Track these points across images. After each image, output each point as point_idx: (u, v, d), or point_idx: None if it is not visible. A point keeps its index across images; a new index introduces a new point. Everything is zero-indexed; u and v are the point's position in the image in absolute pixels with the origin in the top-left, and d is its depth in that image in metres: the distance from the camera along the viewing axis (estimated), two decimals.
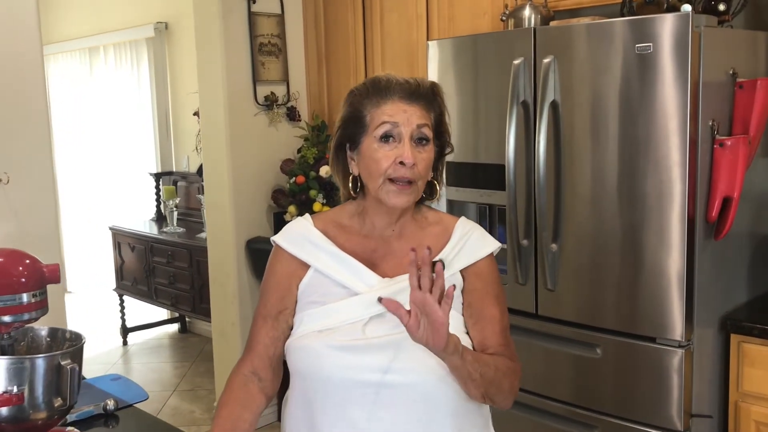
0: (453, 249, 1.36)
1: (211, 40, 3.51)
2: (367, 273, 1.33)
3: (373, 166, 1.30)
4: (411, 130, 1.29)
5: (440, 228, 1.40)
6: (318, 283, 1.35)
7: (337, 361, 1.26)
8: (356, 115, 1.33)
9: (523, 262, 2.39)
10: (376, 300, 1.28)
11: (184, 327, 5.58)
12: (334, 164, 1.41)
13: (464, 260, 1.36)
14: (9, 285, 1.35)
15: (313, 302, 1.34)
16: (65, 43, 6.25)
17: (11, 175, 2.39)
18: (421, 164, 1.30)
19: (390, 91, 1.31)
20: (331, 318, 1.30)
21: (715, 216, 2.10)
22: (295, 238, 1.40)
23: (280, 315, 1.38)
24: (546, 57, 2.24)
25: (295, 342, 1.33)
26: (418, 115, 1.30)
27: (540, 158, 2.25)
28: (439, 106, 1.36)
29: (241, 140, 3.57)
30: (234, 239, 3.60)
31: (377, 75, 1.37)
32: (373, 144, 1.30)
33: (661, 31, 2.02)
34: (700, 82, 2.02)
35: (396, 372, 1.25)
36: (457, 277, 1.35)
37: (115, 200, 6.10)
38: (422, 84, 1.34)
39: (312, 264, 1.36)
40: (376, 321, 1.29)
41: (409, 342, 1.24)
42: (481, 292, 1.35)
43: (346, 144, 1.37)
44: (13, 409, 1.32)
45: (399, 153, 1.28)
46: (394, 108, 1.30)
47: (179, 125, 5.43)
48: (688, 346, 2.09)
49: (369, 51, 3.45)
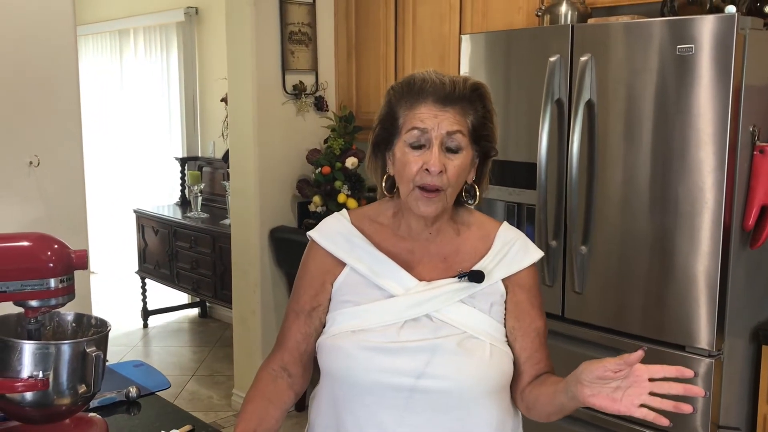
0: (494, 258, 1.32)
1: (242, 27, 3.50)
2: (404, 275, 1.29)
3: (402, 170, 1.26)
4: (441, 137, 1.23)
5: (481, 233, 1.35)
6: (353, 282, 1.31)
7: (369, 364, 1.23)
8: (391, 116, 1.29)
9: (552, 263, 2.35)
10: (413, 304, 1.25)
11: (204, 312, 5.61)
12: (372, 162, 1.36)
13: (506, 269, 1.31)
14: (37, 270, 1.34)
15: (347, 301, 1.31)
16: (95, 25, 6.28)
17: (41, 158, 2.39)
18: (452, 171, 1.24)
19: (423, 93, 1.25)
20: (366, 319, 1.27)
21: (751, 224, 2.05)
22: (331, 235, 1.36)
23: (312, 312, 1.35)
24: (583, 55, 2.19)
25: (327, 341, 1.30)
26: (451, 121, 1.23)
27: (573, 158, 2.21)
28: (483, 108, 1.28)
29: (268, 128, 3.56)
30: (258, 227, 3.60)
31: (414, 73, 1.29)
32: (404, 148, 1.26)
33: (704, 32, 1.96)
34: (743, 86, 1.97)
35: (430, 377, 1.22)
36: (499, 287, 1.31)
37: (140, 184, 6.13)
38: (459, 86, 1.26)
39: (348, 262, 1.32)
40: (411, 325, 1.26)
41: (445, 347, 1.22)
42: (526, 305, 1.31)
43: (382, 143, 1.32)
44: (37, 394, 1.32)
45: (426, 159, 1.23)
46: (425, 112, 1.24)
47: (206, 111, 5.44)
48: (719, 356, 2.04)
49: (399, 43, 3.42)
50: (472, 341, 1.25)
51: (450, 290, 1.27)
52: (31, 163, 2.37)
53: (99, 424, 1.47)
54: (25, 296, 1.33)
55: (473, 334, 1.25)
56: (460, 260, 1.32)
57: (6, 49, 2.33)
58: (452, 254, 1.33)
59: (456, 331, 1.25)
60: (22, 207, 2.36)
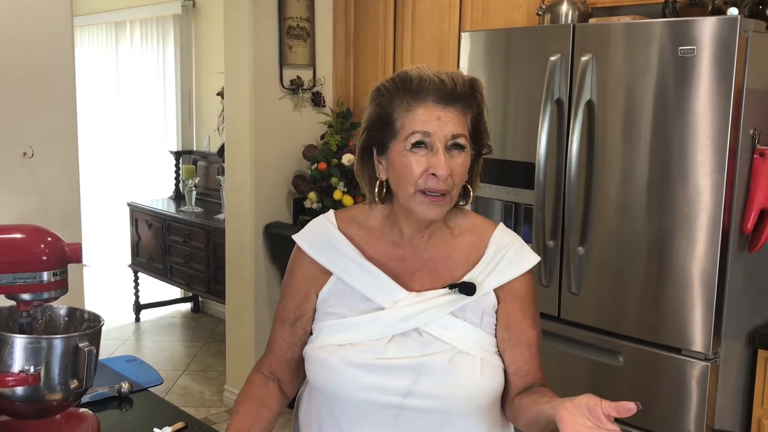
0: (487, 266, 1.26)
1: (240, 21, 3.47)
2: (393, 286, 1.24)
3: (404, 173, 1.18)
4: (445, 140, 1.17)
5: (474, 237, 1.29)
6: (339, 292, 1.27)
7: (355, 380, 1.20)
8: (385, 118, 1.20)
9: (548, 263, 2.34)
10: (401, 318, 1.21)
11: (197, 307, 5.58)
12: (360, 167, 1.28)
13: (498, 279, 1.25)
14: (30, 263, 1.32)
15: (333, 313, 1.26)
16: (91, 16, 6.24)
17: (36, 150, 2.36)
18: (457, 172, 1.18)
19: (422, 92, 1.17)
20: (352, 333, 1.23)
21: (750, 228, 2.04)
22: (317, 242, 1.30)
23: (296, 321, 1.32)
24: (584, 55, 2.18)
25: (313, 352, 1.26)
26: (454, 123, 1.17)
27: (572, 158, 2.20)
28: (478, 105, 1.23)
29: (264, 123, 3.54)
30: (253, 223, 3.57)
31: (407, 70, 1.21)
32: (403, 150, 1.18)
33: (706, 34, 1.95)
34: (744, 88, 1.96)
35: (417, 396, 1.19)
36: (490, 297, 1.25)
37: (134, 177, 6.10)
38: (458, 83, 1.19)
39: (335, 272, 1.27)
40: (399, 340, 1.21)
41: (433, 366, 1.18)
42: (518, 315, 1.26)
43: (373, 147, 1.25)
44: (28, 389, 1.29)
45: (432, 164, 1.16)
46: (426, 114, 1.17)
47: (202, 104, 5.41)
48: (715, 359, 2.04)
49: (398, 39, 3.40)
50: (462, 357, 1.21)
51: (440, 303, 1.22)
52: (25, 155, 2.35)
53: (90, 419, 1.45)
54: (17, 289, 1.31)
55: (463, 349, 1.21)
56: (451, 267, 1.26)
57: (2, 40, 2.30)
58: (444, 260, 1.27)
59: (445, 347, 1.21)
60: (16, 198, 2.34)
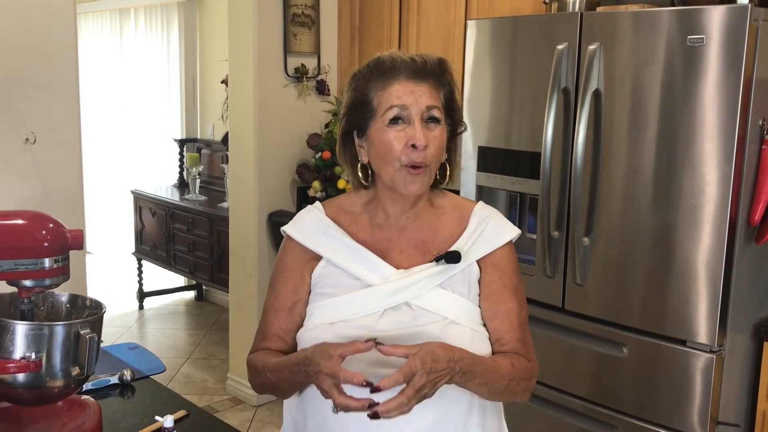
0: (470, 238, 1.31)
1: (244, 8, 3.45)
2: (381, 264, 1.28)
3: (385, 150, 1.24)
4: (420, 112, 1.23)
5: (457, 214, 1.34)
6: (330, 273, 1.30)
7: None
8: (362, 100, 1.27)
9: (553, 254, 2.32)
10: (390, 292, 1.24)
11: (200, 295, 5.59)
12: (342, 153, 1.34)
13: (481, 249, 1.30)
14: (31, 249, 1.31)
15: (324, 294, 1.30)
16: (95, 3, 6.21)
17: (38, 135, 2.36)
18: (433, 145, 1.24)
19: (395, 71, 1.25)
20: (343, 310, 1.26)
21: (758, 219, 2.02)
22: (306, 229, 1.35)
23: (294, 307, 1.33)
24: (592, 44, 2.16)
25: (306, 333, 1.29)
26: (427, 96, 1.24)
27: (578, 148, 2.18)
28: (449, 83, 1.29)
29: (268, 111, 3.52)
30: (256, 211, 3.57)
31: (380, 55, 1.29)
32: (383, 127, 1.24)
33: (715, 22, 1.93)
34: (753, 78, 1.93)
35: None
36: (474, 268, 1.30)
37: (138, 164, 6.09)
38: (429, 61, 1.26)
39: (324, 254, 1.31)
40: (391, 314, 1.25)
41: (426, 336, 1.21)
42: (498, 284, 1.30)
43: (353, 131, 1.30)
44: (29, 376, 1.29)
45: (410, 135, 1.22)
46: (401, 89, 1.24)
47: (206, 92, 5.39)
48: (720, 351, 2.02)
49: (404, 27, 3.37)
50: (454, 327, 1.25)
51: (428, 275, 1.26)
52: (27, 140, 2.34)
53: (92, 407, 1.44)
54: (18, 275, 1.30)
55: (454, 320, 1.25)
56: (437, 244, 1.31)
57: (5, 26, 2.29)
58: (429, 239, 1.32)
59: (436, 318, 1.25)
60: (18, 184, 2.33)
